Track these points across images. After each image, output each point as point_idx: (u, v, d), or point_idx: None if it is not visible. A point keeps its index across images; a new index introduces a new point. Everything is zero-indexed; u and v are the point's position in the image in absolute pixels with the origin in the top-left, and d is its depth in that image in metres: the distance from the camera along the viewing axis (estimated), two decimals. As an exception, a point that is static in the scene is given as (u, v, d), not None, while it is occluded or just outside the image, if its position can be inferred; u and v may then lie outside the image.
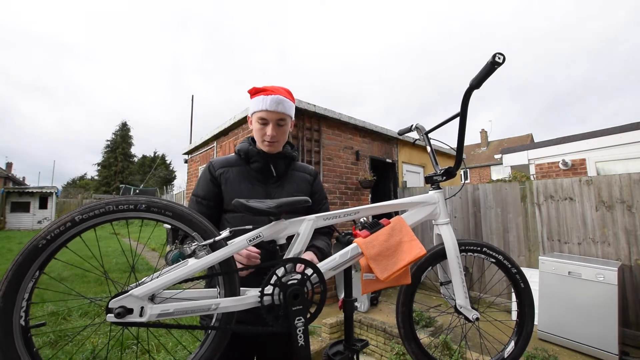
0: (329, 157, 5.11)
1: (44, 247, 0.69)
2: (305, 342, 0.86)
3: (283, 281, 0.88)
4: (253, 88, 1.21)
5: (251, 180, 1.23)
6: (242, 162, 1.26)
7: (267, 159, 1.24)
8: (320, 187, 1.40)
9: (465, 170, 1.48)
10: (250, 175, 1.24)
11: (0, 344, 0.65)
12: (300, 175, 1.33)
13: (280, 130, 1.21)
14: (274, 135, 1.19)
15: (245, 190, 1.19)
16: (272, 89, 1.20)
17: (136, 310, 0.74)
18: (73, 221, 0.71)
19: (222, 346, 0.86)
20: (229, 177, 1.21)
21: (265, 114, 1.17)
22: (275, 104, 1.16)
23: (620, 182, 3.39)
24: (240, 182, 1.21)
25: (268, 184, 1.24)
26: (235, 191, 1.18)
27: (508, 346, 1.12)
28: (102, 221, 0.75)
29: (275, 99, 1.17)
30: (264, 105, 1.16)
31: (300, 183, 1.30)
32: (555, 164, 6.29)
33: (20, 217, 17.51)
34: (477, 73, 0.88)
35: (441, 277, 1.16)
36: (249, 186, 1.21)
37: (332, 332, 3.38)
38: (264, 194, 1.21)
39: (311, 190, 1.32)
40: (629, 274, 3.22)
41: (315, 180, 1.38)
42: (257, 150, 1.24)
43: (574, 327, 3.01)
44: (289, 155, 1.30)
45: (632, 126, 5.39)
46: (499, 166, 17.72)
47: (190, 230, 0.83)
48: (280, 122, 1.20)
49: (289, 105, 1.22)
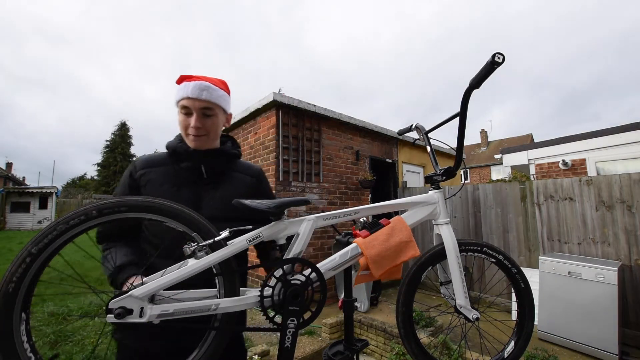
0: (329, 157, 5.11)
1: (16, 290, 0.66)
2: (291, 344, 0.86)
3: (287, 278, 0.89)
4: (180, 76, 1.07)
5: (178, 183, 1.06)
6: (171, 161, 1.10)
7: (198, 157, 1.08)
8: (268, 192, 1.24)
9: (465, 170, 1.48)
10: (178, 177, 1.07)
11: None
12: (240, 177, 1.16)
13: (208, 121, 1.06)
14: (199, 127, 1.03)
15: (167, 195, 1.00)
16: (200, 76, 1.06)
17: (136, 310, 0.74)
18: (31, 255, 0.68)
19: (222, 346, 0.86)
20: (150, 179, 1.05)
21: (187, 101, 1.02)
22: (198, 90, 1.02)
23: (620, 182, 3.39)
24: (163, 185, 1.05)
25: (199, 187, 1.08)
26: (155, 196, 0.98)
27: (508, 346, 1.12)
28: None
29: (199, 84, 1.03)
30: (186, 91, 1.02)
31: (238, 186, 1.13)
32: (555, 164, 6.29)
33: (21, 217, 17.52)
34: (477, 73, 0.88)
35: (441, 277, 1.16)
36: (173, 190, 1.04)
37: (332, 332, 3.38)
38: (193, 198, 1.05)
39: (253, 195, 1.09)
40: (629, 274, 3.22)
41: (261, 184, 1.22)
42: (186, 147, 1.08)
43: (574, 327, 3.01)
44: (226, 152, 1.14)
45: (632, 126, 5.39)
46: (499, 166, 17.72)
47: (190, 230, 0.83)
48: (207, 111, 1.05)
49: (219, 94, 1.07)
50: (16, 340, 0.66)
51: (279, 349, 0.86)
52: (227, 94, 1.12)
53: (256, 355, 2.51)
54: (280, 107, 4.53)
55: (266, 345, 2.80)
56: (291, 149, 4.60)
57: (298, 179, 4.65)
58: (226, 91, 1.12)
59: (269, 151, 4.57)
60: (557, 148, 6.36)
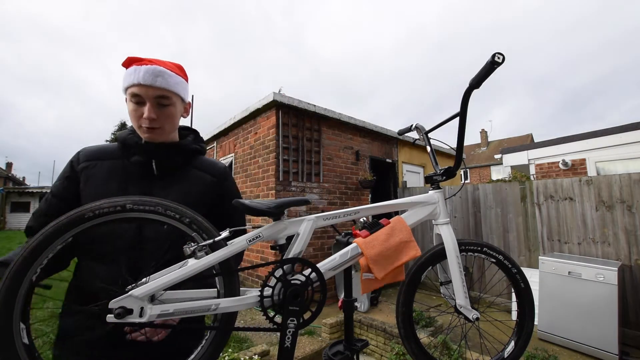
0: (329, 157, 5.11)
1: (90, 219, 0.72)
2: (291, 345, 0.86)
3: (287, 278, 0.89)
4: (127, 58, 0.94)
5: (125, 179, 0.96)
6: (121, 154, 0.98)
7: (148, 151, 0.96)
8: (232, 192, 1.11)
9: (465, 170, 1.48)
10: (126, 173, 0.96)
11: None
12: (198, 175, 1.05)
13: (164, 112, 0.95)
14: (154, 119, 0.92)
15: (110, 192, 0.89)
16: (152, 59, 0.94)
17: (136, 310, 0.74)
18: (123, 208, 0.75)
19: (222, 346, 0.86)
20: (93, 173, 0.94)
21: (139, 89, 0.90)
22: (151, 76, 0.90)
23: (620, 182, 3.39)
24: (107, 181, 0.94)
25: (149, 184, 0.97)
26: (96, 194, 0.90)
27: (508, 346, 1.12)
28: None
29: (152, 69, 0.91)
30: (137, 77, 0.90)
31: (197, 185, 1.02)
32: (555, 164, 6.29)
33: (21, 217, 17.52)
34: (477, 73, 0.88)
35: (441, 277, 1.16)
36: (118, 187, 0.94)
37: (332, 332, 3.38)
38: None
39: (214, 196, 1.02)
40: (629, 274, 3.22)
41: (224, 184, 1.09)
42: (137, 139, 0.97)
43: (574, 327, 3.01)
44: (186, 147, 1.02)
45: (632, 126, 5.39)
46: (499, 166, 17.72)
47: (190, 230, 0.83)
48: (162, 100, 0.93)
49: (175, 81, 0.96)
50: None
51: (279, 349, 0.86)
52: (184, 80, 1.00)
53: (256, 355, 2.51)
54: (280, 107, 4.53)
55: (266, 345, 2.80)
56: (291, 149, 4.61)
57: (298, 179, 4.65)
58: (183, 77, 1.00)
59: (269, 151, 4.57)
60: (557, 148, 6.36)
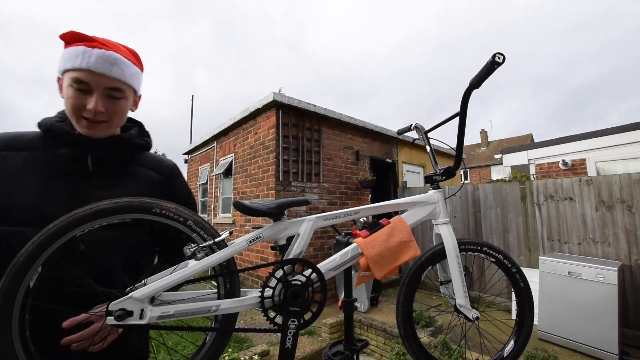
0: (329, 157, 5.12)
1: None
2: (292, 345, 0.86)
3: (288, 278, 0.89)
4: (69, 32, 0.78)
5: (48, 173, 0.78)
6: (43, 144, 0.81)
7: (84, 145, 0.81)
8: (183, 192, 1.00)
9: (465, 170, 1.48)
10: (51, 166, 0.79)
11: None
12: (144, 173, 0.91)
13: (114, 105, 0.81)
14: (101, 112, 0.78)
15: (30, 192, 0.75)
16: (105, 41, 0.80)
17: (136, 312, 0.74)
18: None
19: (223, 347, 0.86)
20: (5, 167, 0.76)
21: (87, 75, 0.75)
22: (106, 64, 0.77)
23: (620, 182, 3.40)
24: (21, 175, 0.76)
25: (85, 183, 0.81)
26: (9, 193, 0.74)
27: (507, 345, 1.12)
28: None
29: (108, 56, 0.77)
30: (86, 61, 0.75)
31: (143, 185, 0.89)
32: (555, 164, 6.29)
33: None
34: (477, 73, 0.88)
35: (441, 277, 1.16)
36: (37, 182, 0.77)
37: (332, 332, 3.38)
38: (69, 197, 0.78)
39: (163, 197, 0.85)
40: (629, 274, 3.22)
41: (173, 183, 0.98)
42: (68, 128, 0.81)
43: (574, 327, 3.01)
44: (130, 141, 0.88)
45: (632, 126, 5.39)
46: (499, 166, 17.72)
47: (190, 231, 0.83)
48: (115, 93, 0.80)
49: (132, 72, 0.83)
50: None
51: (279, 350, 0.86)
52: (140, 71, 0.88)
53: (256, 355, 2.51)
54: (280, 107, 4.53)
55: (266, 345, 2.80)
56: (291, 149, 4.61)
57: (298, 179, 4.65)
58: (139, 66, 0.88)
59: (269, 151, 4.57)
60: (557, 148, 6.36)
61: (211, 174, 6.69)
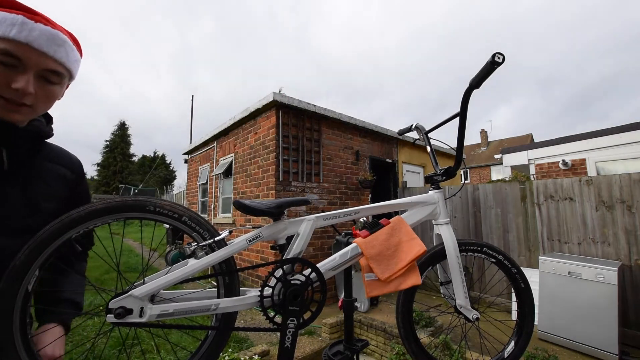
0: (329, 157, 5.11)
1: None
2: (291, 345, 0.86)
3: (287, 278, 0.89)
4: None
5: None
6: None
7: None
8: (88, 195, 0.92)
9: (465, 170, 1.49)
10: None
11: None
12: (56, 170, 0.81)
13: (46, 90, 0.70)
14: (30, 94, 0.66)
15: None
16: (49, 19, 0.70)
17: (136, 310, 0.74)
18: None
19: (222, 346, 0.86)
20: None
21: (22, 49, 0.64)
22: (51, 43, 0.67)
23: (620, 182, 3.39)
24: None
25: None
26: None
27: (508, 346, 1.12)
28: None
29: (54, 35, 0.68)
30: (26, 34, 0.63)
31: (54, 182, 0.80)
32: (555, 164, 6.29)
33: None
34: (477, 73, 0.88)
35: (441, 277, 1.16)
36: None
37: (332, 332, 3.38)
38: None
39: (70, 196, 0.82)
40: (629, 274, 3.22)
41: (82, 183, 0.89)
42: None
43: (574, 327, 3.01)
44: (37, 131, 0.75)
45: (632, 126, 5.39)
46: (499, 166, 17.73)
47: (190, 230, 0.83)
48: (51, 76, 0.70)
49: (75, 58, 0.75)
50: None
51: (279, 349, 0.86)
52: (80, 58, 0.79)
53: (256, 355, 2.51)
54: (280, 107, 4.53)
55: (266, 345, 2.79)
56: (291, 149, 4.61)
57: (298, 179, 4.65)
58: (80, 53, 0.79)
59: (269, 151, 4.57)
60: (557, 148, 6.36)
61: (211, 174, 6.69)
